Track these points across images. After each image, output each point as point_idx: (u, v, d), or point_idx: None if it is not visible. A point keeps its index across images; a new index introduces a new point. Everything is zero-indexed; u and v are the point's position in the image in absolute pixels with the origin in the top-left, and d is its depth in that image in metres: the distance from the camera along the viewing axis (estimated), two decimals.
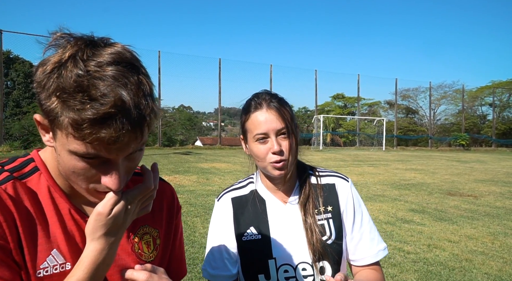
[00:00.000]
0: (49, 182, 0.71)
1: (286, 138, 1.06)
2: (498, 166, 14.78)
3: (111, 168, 0.63)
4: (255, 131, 1.06)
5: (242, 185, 1.23)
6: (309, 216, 1.10)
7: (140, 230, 0.80)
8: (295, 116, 1.13)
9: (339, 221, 1.13)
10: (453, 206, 6.78)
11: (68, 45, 0.59)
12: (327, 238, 1.09)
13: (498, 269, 3.78)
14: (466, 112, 32.43)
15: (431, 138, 30.09)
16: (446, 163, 15.38)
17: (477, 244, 4.60)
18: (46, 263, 0.66)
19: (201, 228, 4.88)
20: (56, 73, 0.57)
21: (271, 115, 1.06)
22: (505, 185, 9.47)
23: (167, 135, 24.44)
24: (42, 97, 0.59)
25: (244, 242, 1.12)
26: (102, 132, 0.55)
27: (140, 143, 0.62)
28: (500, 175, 11.48)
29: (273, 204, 1.15)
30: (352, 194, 1.16)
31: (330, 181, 1.17)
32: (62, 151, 0.62)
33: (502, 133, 31.47)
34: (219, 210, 1.19)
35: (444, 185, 9.24)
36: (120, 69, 0.57)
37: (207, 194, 7.09)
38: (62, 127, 0.58)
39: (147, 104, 0.59)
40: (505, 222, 5.67)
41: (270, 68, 24.27)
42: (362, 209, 1.17)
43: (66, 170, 0.64)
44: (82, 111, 0.54)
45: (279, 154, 1.05)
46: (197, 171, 10.39)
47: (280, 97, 1.12)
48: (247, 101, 1.13)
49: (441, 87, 33.49)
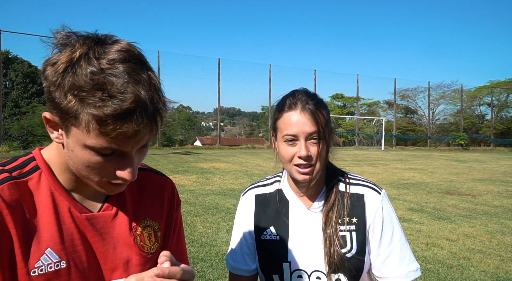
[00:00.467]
0: (50, 180, 0.72)
1: (316, 144, 1.01)
2: (496, 165, 14.83)
3: (126, 160, 0.66)
4: (285, 132, 1.02)
5: (267, 183, 1.20)
6: (330, 226, 1.05)
7: (141, 223, 0.81)
8: (331, 120, 1.08)
9: (363, 235, 1.06)
10: (452, 205, 6.82)
11: (76, 44, 0.61)
12: (347, 251, 1.04)
13: (495, 267, 3.82)
14: (464, 112, 32.50)
15: (430, 138, 30.15)
16: (445, 163, 15.43)
17: (475, 242, 4.64)
18: (40, 262, 0.66)
19: (200, 227, 4.91)
20: (70, 72, 0.59)
21: (304, 118, 1.00)
22: (503, 184, 9.52)
23: (167, 135, 24.43)
24: (56, 96, 0.61)
25: (263, 240, 1.11)
26: (124, 127, 0.59)
27: (152, 135, 0.66)
28: (498, 174, 11.54)
29: (296, 207, 1.11)
30: (383, 208, 1.08)
31: (359, 191, 1.09)
32: (76, 146, 0.64)
33: (500, 133, 31.55)
34: (242, 205, 1.19)
35: (442, 184, 9.28)
36: (131, 66, 0.61)
37: (207, 194, 7.12)
38: (81, 124, 0.60)
39: (159, 98, 0.63)
40: (502, 221, 5.71)
41: (270, 68, 24.31)
42: (394, 225, 1.08)
43: (79, 164, 0.66)
44: (104, 108, 0.57)
45: (306, 159, 1.00)
46: (196, 170, 10.41)
47: (318, 99, 1.06)
48: (283, 98, 1.08)
49: (439, 87, 33.56)
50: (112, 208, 0.78)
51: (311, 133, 1.00)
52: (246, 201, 1.18)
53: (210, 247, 4.16)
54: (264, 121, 37.26)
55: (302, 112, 1.01)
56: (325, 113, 1.04)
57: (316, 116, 1.01)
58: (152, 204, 0.86)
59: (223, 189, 7.74)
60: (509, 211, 6.40)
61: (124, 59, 0.61)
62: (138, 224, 0.81)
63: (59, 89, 0.60)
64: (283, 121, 1.04)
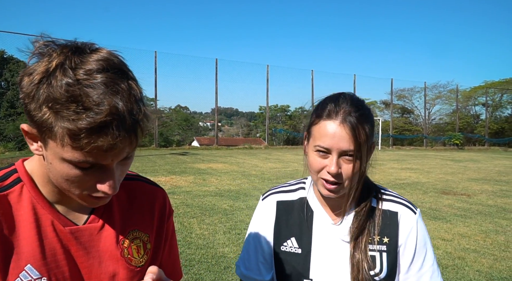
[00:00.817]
0: (32, 193, 0.69)
1: (351, 162, 0.91)
2: (491, 164, 14.95)
3: (106, 174, 0.64)
4: (318, 142, 0.92)
5: (291, 189, 1.10)
6: (358, 250, 0.95)
7: (129, 235, 0.78)
8: (373, 134, 0.96)
9: (394, 256, 0.98)
10: (447, 204, 6.88)
11: (53, 54, 0.58)
12: (375, 274, 0.95)
13: (489, 266, 3.87)
14: (460, 112, 32.68)
15: (426, 137, 30.29)
16: (441, 162, 15.53)
17: (470, 242, 4.69)
18: (19, 279, 0.64)
19: (197, 229, 4.92)
20: (45, 83, 0.57)
21: (343, 132, 0.89)
22: (497, 183, 9.61)
23: (164, 136, 24.36)
24: (31, 108, 0.58)
25: (282, 252, 1.03)
26: (99, 141, 0.56)
27: (133, 147, 0.63)
28: (492, 174, 11.63)
29: (322, 219, 1.02)
30: (417, 229, 0.99)
31: (393, 208, 1.00)
32: (55, 159, 0.62)
33: (494, 133, 31.76)
34: (261, 211, 1.10)
35: (438, 184, 9.35)
36: (109, 76, 0.58)
37: (204, 195, 7.13)
38: (57, 137, 0.58)
39: (139, 109, 0.60)
40: (496, 220, 5.78)
41: (267, 69, 24.33)
42: (427, 249, 1.00)
43: (58, 178, 0.64)
44: (78, 121, 0.55)
45: (335, 177, 0.91)
46: (193, 171, 10.41)
47: (364, 110, 0.93)
48: (326, 100, 0.96)
49: (435, 87, 33.74)
50: (99, 220, 0.75)
51: (346, 150, 0.89)
52: (266, 206, 1.09)
53: (206, 249, 4.17)
54: (261, 121, 37.23)
55: (341, 124, 0.89)
56: (368, 127, 0.92)
57: (357, 131, 0.89)
58: (142, 215, 0.83)
59: (220, 190, 7.74)
60: (503, 210, 6.47)
61: (102, 69, 0.58)
62: (126, 236, 0.78)
63: (33, 101, 0.58)
64: (318, 129, 0.93)
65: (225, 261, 3.81)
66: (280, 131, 28.03)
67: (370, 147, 0.96)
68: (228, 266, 3.67)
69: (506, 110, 34.40)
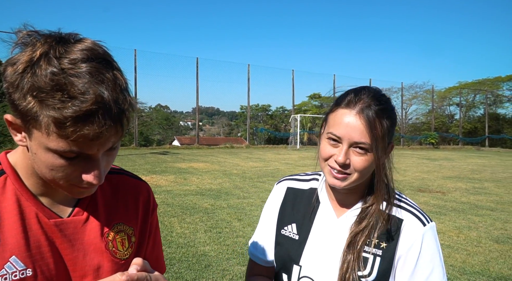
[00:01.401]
0: (16, 185, 0.69)
1: (361, 155, 0.88)
2: (464, 163, 15.50)
3: (91, 164, 0.64)
4: (331, 129, 0.90)
5: (305, 178, 1.11)
6: (352, 248, 0.93)
7: (114, 228, 0.79)
8: (393, 131, 0.93)
9: (389, 264, 0.92)
10: (423, 202, 7.09)
11: (37, 43, 0.58)
12: (363, 276, 0.91)
13: (462, 261, 4.02)
14: (435, 112, 33.68)
15: (403, 137, 31.07)
16: (417, 161, 15.97)
17: (444, 237, 4.85)
18: (4, 270, 0.64)
19: (178, 228, 4.88)
20: (29, 72, 0.56)
21: (357, 123, 0.87)
22: (470, 181, 9.98)
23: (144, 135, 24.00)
24: (15, 98, 0.58)
25: (282, 235, 1.05)
26: (85, 129, 0.56)
27: (119, 137, 0.63)
28: (465, 172, 12.07)
29: (326, 212, 1.01)
30: (423, 242, 0.91)
31: (399, 215, 0.95)
32: (39, 149, 0.61)
33: (468, 132, 32.96)
34: (273, 194, 1.13)
35: (414, 182, 9.62)
36: (94, 65, 0.58)
37: (185, 194, 7.07)
38: (42, 126, 0.58)
39: (125, 99, 0.61)
40: (469, 217, 6.00)
41: (248, 68, 24.31)
42: (434, 267, 0.91)
43: (43, 168, 0.64)
44: (63, 109, 0.55)
45: (341, 167, 0.89)
46: (174, 170, 10.30)
47: (386, 105, 0.90)
48: (348, 91, 0.94)
49: (412, 88, 34.63)
50: (83, 212, 0.76)
51: (357, 142, 0.87)
52: (277, 190, 1.12)
53: (187, 247, 4.14)
54: (242, 120, 37.23)
55: (357, 115, 0.87)
56: (387, 123, 0.89)
57: (373, 125, 0.86)
58: (126, 209, 0.83)
59: (201, 189, 7.70)
60: (475, 207, 6.73)
61: (87, 59, 0.58)
62: (111, 229, 0.78)
63: (18, 90, 0.58)
64: (334, 117, 0.92)
65: (206, 260, 3.79)
66: (261, 130, 28.12)
67: (387, 145, 0.92)
68: (209, 265, 3.66)
69: (479, 110, 35.82)
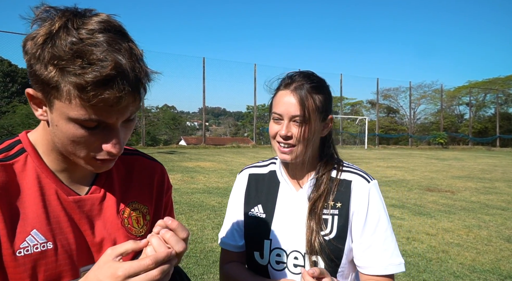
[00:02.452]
0: (36, 163, 0.72)
1: (299, 126, 1.01)
2: (474, 163, 15.31)
3: (111, 133, 0.66)
4: (274, 109, 1.05)
5: (263, 164, 1.22)
6: (314, 214, 1.05)
7: (129, 206, 0.81)
8: (328, 105, 1.06)
9: (345, 220, 1.05)
10: (432, 201, 7.02)
11: (55, 17, 0.61)
12: (325, 234, 1.03)
13: (471, 259, 3.97)
14: (444, 112, 33.35)
15: (411, 137, 30.81)
16: (426, 161, 15.82)
17: (453, 236, 4.80)
18: (25, 242, 0.66)
19: (186, 224, 4.90)
20: (49, 43, 0.59)
21: (292, 99, 1.01)
22: (480, 181, 9.84)
23: (151, 135, 24.13)
24: (37, 69, 0.60)
25: (249, 217, 1.14)
26: (106, 93, 0.59)
27: (136, 106, 0.66)
28: (475, 172, 11.91)
29: (286, 188, 1.13)
30: (369, 196, 1.06)
31: (348, 177, 1.09)
32: (61, 120, 0.64)
33: (478, 132, 32.53)
34: (236, 183, 1.23)
35: (423, 181, 9.52)
36: (111, 36, 0.60)
37: (192, 192, 7.10)
38: (63, 95, 0.60)
39: (141, 68, 0.63)
40: (479, 216, 5.92)
41: (254, 68, 24.33)
42: (380, 215, 1.05)
43: (64, 140, 0.66)
44: (84, 75, 0.57)
45: (285, 139, 1.03)
46: (181, 169, 10.35)
47: (316, 83, 1.04)
48: (284, 76, 1.09)
49: (420, 87, 34.37)
50: (100, 190, 0.78)
51: (294, 115, 1.01)
52: (240, 179, 1.22)
53: (195, 244, 4.16)
54: (249, 121, 37.26)
55: (292, 93, 1.02)
56: (319, 97, 1.03)
57: (305, 99, 1.00)
58: (141, 188, 0.86)
59: (208, 187, 7.72)
60: (486, 206, 6.63)
61: (104, 29, 0.61)
62: (126, 207, 0.81)
63: (39, 61, 0.60)
64: (275, 99, 1.07)
65: (213, 256, 3.80)
66: (268, 130, 28.06)
67: (324, 118, 1.06)
68: (216, 260, 3.67)
69: (489, 110, 35.34)
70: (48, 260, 0.68)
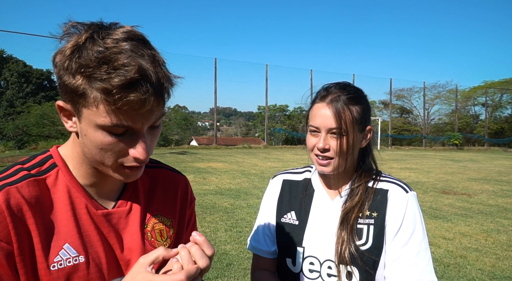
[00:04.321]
0: (67, 177, 0.74)
1: (336, 138, 1.01)
2: (491, 164, 14.96)
3: (137, 138, 0.68)
4: (311, 122, 1.06)
5: (298, 171, 1.22)
6: (346, 224, 1.03)
7: (153, 219, 0.83)
8: (366, 116, 1.06)
9: (381, 229, 1.03)
10: (448, 204, 6.88)
11: (82, 31, 0.64)
12: (361, 244, 1.02)
13: (491, 265, 3.86)
14: (459, 112, 32.73)
15: (425, 138, 30.33)
16: (440, 162, 15.54)
17: (471, 241, 4.69)
18: (59, 256, 0.68)
19: (198, 226, 4.90)
20: (76, 54, 0.62)
21: (329, 112, 1.01)
22: (497, 183, 9.61)
23: (163, 135, 24.32)
24: (65, 79, 0.63)
25: (282, 223, 1.14)
26: (131, 96, 0.61)
27: (161, 111, 0.68)
28: (492, 174, 11.64)
29: (321, 197, 1.13)
30: (407, 206, 1.03)
31: (385, 187, 1.07)
32: (89, 129, 0.66)
33: (494, 133, 31.82)
34: (269, 189, 1.22)
35: (438, 183, 9.35)
36: (134, 44, 0.63)
37: (204, 193, 7.12)
38: (90, 102, 0.62)
39: (164, 72, 0.65)
40: (498, 220, 5.77)
41: (266, 68, 24.31)
42: (416, 227, 1.02)
43: (93, 148, 0.68)
44: (110, 80, 0.60)
45: (323, 152, 1.03)
46: (193, 170, 10.39)
47: (353, 94, 1.04)
48: (320, 89, 1.09)
49: (435, 87, 33.80)
50: (126, 204, 0.80)
51: (332, 128, 1.01)
52: (273, 184, 1.22)
53: None
54: (260, 121, 37.22)
55: (328, 105, 1.02)
56: (356, 109, 1.03)
57: (341, 111, 1.00)
58: (165, 201, 0.87)
59: (220, 188, 7.73)
60: (504, 210, 6.47)
61: (128, 38, 0.63)
62: (150, 220, 0.82)
63: (67, 71, 0.63)
64: (311, 112, 1.07)
65: (227, 258, 3.79)
66: (279, 131, 28.02)
67: (362, 129, 1.06)
68: (230, 263, 3.66)
69: (506, 110, 34.48)
70: (80, 273, 0.70)
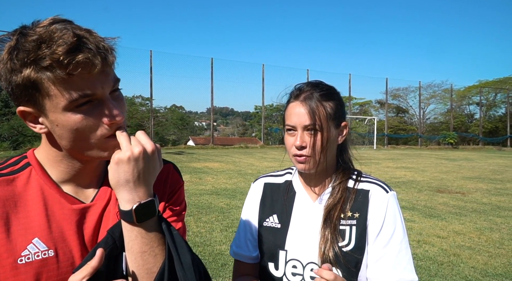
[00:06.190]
0: (40, 175, 0.76)
1: (313, 135, 1.01)
2: (485, 163, 15.08)
3: (104, 105, 0.69)
4: (287, 122, 1.06)
5: (279, 174, 1.21)
6: (329, 223, 1.03)
7: None
8: (340, 112, 1.06)
9: (363, 230, 1.03)
10: (442, 202, 6.94)
11: (11, 36, 0.67)
12: (344, 245, 1.02)
13: (484, 263, 3.91)
14: (454, 111, 32.89)
15: (421, 137, 30.47)
16: (435, 161, 15.64)
17: (465, 239, 4.73)
18: (27, 250, 0.69)
19: (194, 227, 4.92)
20: (14, 52, 0.64)
21: (303, 109, 1.02)
22: (491, 182, 9.69)
23: (159, 135, 24.31)
24: (14, 79, 0.65)
25: (265, 227, 1.13)
26: (78, 57, 0.63)
27: (113, 73, 0.70)
28: (486, 172, 11.73)
29: (302, 199, 1.12)
30: (388, 206, 1.03)
31: (366, 187, 1.08)
32: (58, 117, 0.68)
33: (488, 132, 32.05)
34: (250, 193, 1.21)
35: (433, 182, 9.41)
36: (61, 23, 0.66)
37: (200, 193, 7.12)
38: (45, 87, 0.65)
39: (98, 36, 0.68)
40: (491, 218, 5.83)
41: (262, 68, 24.33)
42: (396, 227, 1.02)
43: (70, 135, 0.69)
44: (53, 52, 0.62)
45: (299, 149, 1.03)
46: (190, 170, 10.39)
47: (325, 91, 1.05)
48: (293, 88, 1.10)
49: (430, 87, 33.96)
50: (105, 196, 0.80)
51: (307, 125, 1.01)
52: (255, 188, 1.21)
53: (204, 246, 4.16)
54: (257, 121, 37.25)
55: (302, 103, 1.03)
56: (330, 105, 1.03)
57: (315, 108, 1.01)
58: None
59: (216, 188, 7.74)
60: (497, 208, 6.53)
61: (54, 22, 0.66)
62: None
63: (13, 72, 0.65)
64: (287, 111, 1.07)
65: (222, 259, 3.81)
66: (276, 130, 28.04)
67: (337, 124, 1.06)
68: (225, 263, 3.68)
69: (500, 109, 34.80)
70: (49, 267, 0.70)
